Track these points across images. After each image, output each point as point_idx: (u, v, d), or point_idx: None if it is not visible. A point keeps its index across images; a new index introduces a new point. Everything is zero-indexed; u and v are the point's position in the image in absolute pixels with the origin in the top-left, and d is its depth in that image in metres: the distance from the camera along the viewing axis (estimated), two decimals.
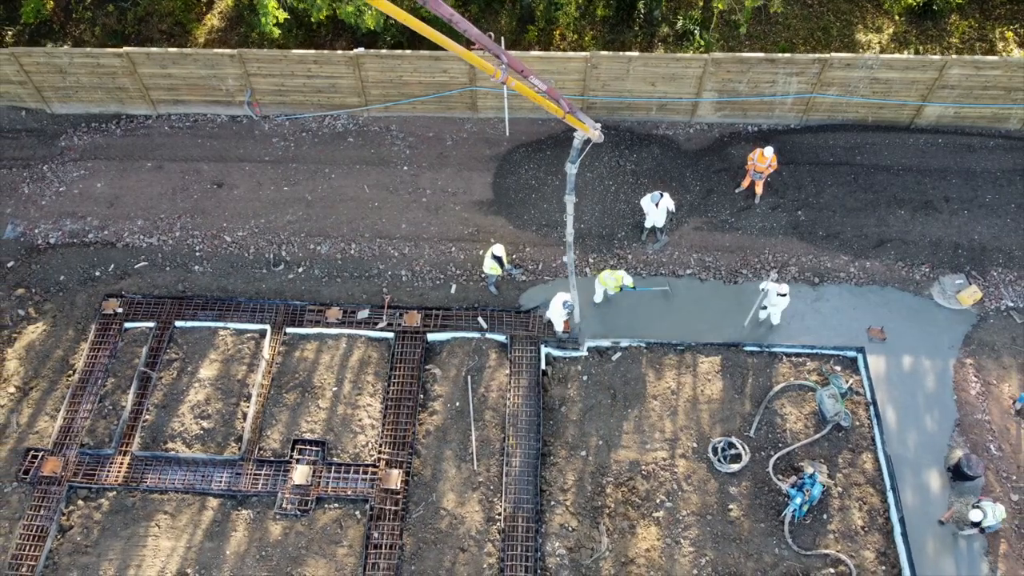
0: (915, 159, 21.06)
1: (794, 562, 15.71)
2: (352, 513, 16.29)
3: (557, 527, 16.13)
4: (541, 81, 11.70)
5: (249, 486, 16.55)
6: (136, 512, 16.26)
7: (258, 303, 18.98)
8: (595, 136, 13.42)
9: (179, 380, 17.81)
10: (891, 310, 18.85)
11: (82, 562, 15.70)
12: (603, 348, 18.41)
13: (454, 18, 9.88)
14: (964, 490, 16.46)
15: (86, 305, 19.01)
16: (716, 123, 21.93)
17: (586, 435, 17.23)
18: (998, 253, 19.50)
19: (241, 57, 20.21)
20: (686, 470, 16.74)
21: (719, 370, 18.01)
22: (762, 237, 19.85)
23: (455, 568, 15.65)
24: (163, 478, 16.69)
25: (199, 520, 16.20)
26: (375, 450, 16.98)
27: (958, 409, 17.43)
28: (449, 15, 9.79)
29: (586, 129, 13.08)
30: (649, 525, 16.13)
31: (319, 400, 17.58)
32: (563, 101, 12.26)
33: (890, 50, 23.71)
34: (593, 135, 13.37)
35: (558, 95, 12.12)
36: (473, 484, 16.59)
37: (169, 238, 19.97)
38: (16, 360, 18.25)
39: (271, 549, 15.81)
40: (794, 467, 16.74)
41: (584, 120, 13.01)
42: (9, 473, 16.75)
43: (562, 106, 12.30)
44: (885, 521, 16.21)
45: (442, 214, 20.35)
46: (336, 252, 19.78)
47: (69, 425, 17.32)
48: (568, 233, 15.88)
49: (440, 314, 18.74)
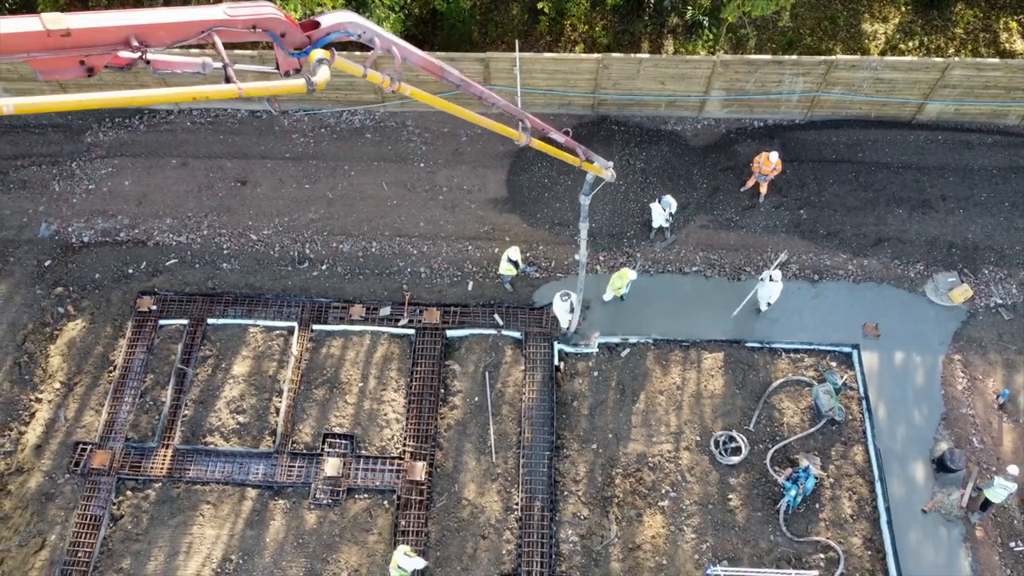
0: (915, 156, 21.78)
1: (787, 548, 17.13)
2: (381, 503, 17.64)
3: (570, 516, 17.50)
4: (559, 134, 12.48)
5: (284, 477, 17.85)
6: (181, 502, 17.60)
7: (284, 300, 19.99)
8: (608, 176, 14.22)
9: (214, 376, 18.95)
10: (886, 307, 19.87)
11: (134, 549, 17.10)
12: (612, 345, 19.50)
13: (484, 94, 10.65)
14: (947, 481, 17.79)
15: (121, 302, 20.02)
16: (723, 118, 22.55)
17: (597, 429, 18.47)
18: (990, 251, 20.42)
19: (261, 59, 20.71)
20: (689, 462, 18.03)
21: (722, 366, 19.14)
22: (765, 235, 20.74)
23: (476, 554, 17.07)
24: (204, 470, 17.98)
25: (239, 509, 17.55)
26: (400, 443, 18.24)
27: (945, 404, 18.63)
28: (480, 92, 10.56)
29: (601, 173, 13.89)
30: (655, 514, 17.50)
31: (346, 395, 18.75)
32: (579, 150, 13.04)
33: (896, 40, 24.14)
34: (606, 175, 14.18)
35: (574, 144, 12.90)
36: (492, 475, 17.90)
37: (197, 236, 20.85)
38: (59, 356, 19.35)
39: (307, 537, 17.20)
40: (790, 459, 18.03)
41: (598, 163, 13.80)
42: (61, 465, 18.03)
43: (579, 155, 13.09)
44: (872, 510, 17.57)
45: (458, 212, 21.18)
46: (358, 250, 20.69)
47: (113, 419, 18.53)
48: (581, 253, 16.79)
49: (458, 311, 19.77)
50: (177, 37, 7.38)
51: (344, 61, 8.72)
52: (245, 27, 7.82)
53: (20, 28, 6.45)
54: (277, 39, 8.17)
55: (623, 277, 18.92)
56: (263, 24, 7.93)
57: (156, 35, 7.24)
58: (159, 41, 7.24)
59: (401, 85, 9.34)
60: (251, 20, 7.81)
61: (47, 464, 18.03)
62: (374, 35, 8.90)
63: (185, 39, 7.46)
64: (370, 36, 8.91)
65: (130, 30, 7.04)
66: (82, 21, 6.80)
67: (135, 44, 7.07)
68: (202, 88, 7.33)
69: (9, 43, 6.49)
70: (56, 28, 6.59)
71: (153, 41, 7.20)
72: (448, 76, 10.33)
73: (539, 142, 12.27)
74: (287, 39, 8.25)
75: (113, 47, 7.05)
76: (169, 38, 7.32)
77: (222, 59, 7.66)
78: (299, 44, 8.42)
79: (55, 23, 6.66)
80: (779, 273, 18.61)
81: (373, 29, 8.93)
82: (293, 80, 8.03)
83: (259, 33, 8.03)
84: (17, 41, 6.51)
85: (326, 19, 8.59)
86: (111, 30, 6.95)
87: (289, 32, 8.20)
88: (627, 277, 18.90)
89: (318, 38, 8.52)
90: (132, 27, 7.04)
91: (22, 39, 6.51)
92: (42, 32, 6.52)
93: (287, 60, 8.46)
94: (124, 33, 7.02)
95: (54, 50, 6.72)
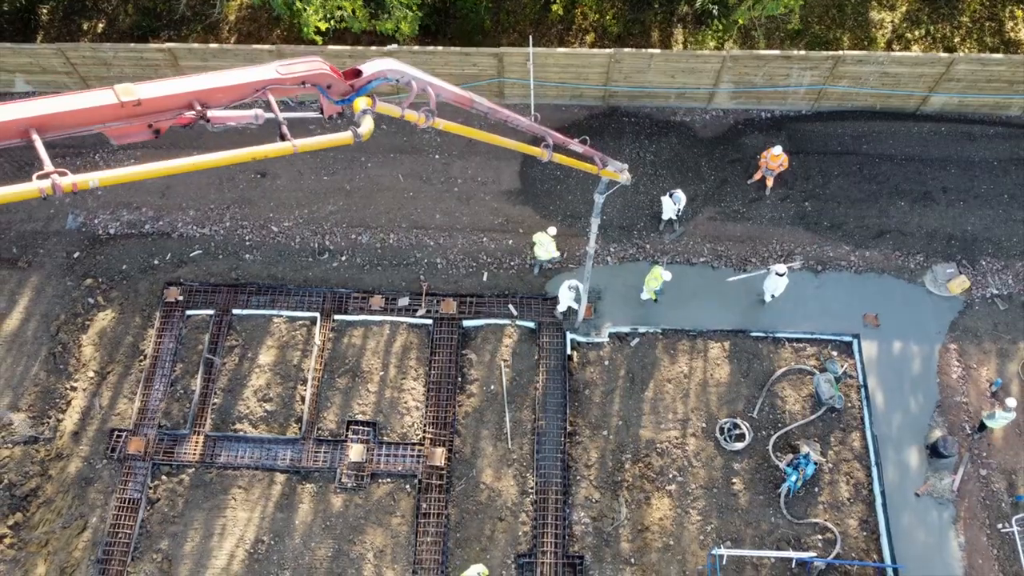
0: (918, 148, 22.32)
1: (787, 530, 18.16)
2: (403, 487, 18.61)
3: (582, 499, 18.49)
4: (578, 144, 13.10)
5: (310, 463, 18.79)
6: (214, 486, 18.57)
7: (306, 291, 20.71)
8: (624, 179, 14.84)
9: (241, 365, 19.77)
10: (886, 297, 20.62)
11: (171, 530, 18.12)
12: (623, 334, 20.31)
13: (510, 118, 11.27)
14: (939, 466, 18.75)
15: (148, 292, 20.74)
16: (731, 109, 23.02)
17: (607, 416, 19.37)
18: (988, 243, 21.10)
19: (279, 53, 21.10)
20: (696, 448, 18.96)
21: (727, 355, 19.97)
22: (771, 227, 21.40)
23: (494, 535, 18.10)
24: (234, 456, 18.91)
25: (269, 493, 18.53)
26: (420, 430, 19.15)
27: (940, 392, 19.50)
28: (506, 116, 11.19)
29: (617, 177, 14.51)
30: (662, 497, 18.49)
31: (368, 384, 19.60)
32: (596, 157, 13.66)
33: (903, 29, 24.45)
34: (622, 179, 14.80)
35: (592, 152, 13.51)
36: (508, 461, 18.84)
37: (220, 228, 21.49)
38: (91, 346, 20.15)
39: (334, 519, 18.21)
40: (791, 445, 18.97)
41: (613, 166, 14.42)
42: (98, 451, 18.96)
43: (596, 163, 13.71)
44: (868, 493, 18.55)
45: (473, 204, 21.79)
46: (376, 242, 21.35)
47: (145, 407, 19.41)
48: (590, 247, 17.48)
49: (474, 301, 20.52)
50: (234, 98, 8.01)
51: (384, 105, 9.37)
52: (295, 84, 8.45)
53: (97, 102, 7.06)
54: (324, 91, 8.80)
55: (657, 278, 19.53)
56: (312, 80, 8.54)
57: (216, 98, 7.88)
58: (218, 103, 7.88)
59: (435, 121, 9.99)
60: (301, 77, 8.42)
61: (85, 450, 18.96)
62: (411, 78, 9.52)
63: (242, 99, 8.08)
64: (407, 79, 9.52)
65: (193, 95, 7.67)
66: (151, 91, 7.42)
67: (198, 108, 7.72)
68: (260, 148, 7.99)
69: (87, 116, 7.12)
70: (128, 99, 7.21)
71: (213, 103, 7.84)
72: (478, 106, 10.96)
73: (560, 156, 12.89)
74: (332, 89, 8.88)
75: (178, 111, 7.70)
76: (227, 99, 7.96)
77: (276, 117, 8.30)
78: (343, 93, 9.05)
79: (127, 95, 7.28)
80: (784, 268, 19.31)
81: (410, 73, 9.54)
82: (342, 134, 8.67)
83: (308, 88, 8.67)
84: (94, 114, 7.14)
85: (368, 67, 9.19)
86: (177, 97, 7.58)
87: (335, 83, 8.82)
88: (661, 278, 19.51)
89: (360, 86, 9.14)
90: (195, 92, 7.66)
91: (99, 112, 7.15)
92: (116, 104, 7.14)
93: (331, 106, 9.09)
94: (188, 99, 7.65)
95: (127, 118, 7.37)
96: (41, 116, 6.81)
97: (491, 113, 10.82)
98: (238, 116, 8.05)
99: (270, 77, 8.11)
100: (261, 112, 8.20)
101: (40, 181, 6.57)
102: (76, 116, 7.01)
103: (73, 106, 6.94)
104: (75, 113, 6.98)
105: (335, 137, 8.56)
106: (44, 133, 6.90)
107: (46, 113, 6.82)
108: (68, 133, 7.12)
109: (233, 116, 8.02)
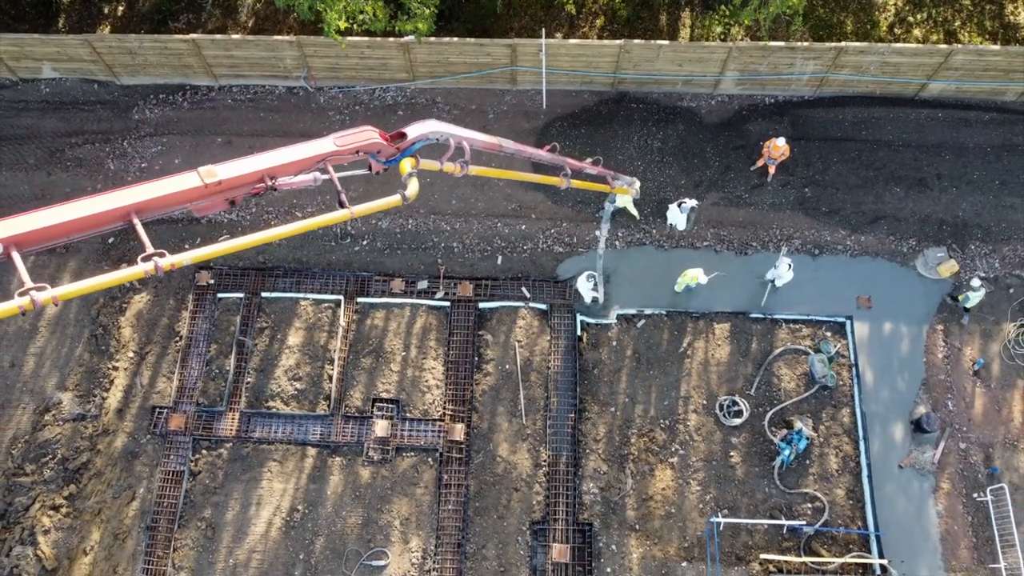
0: (915, 134, 23.19)
1: (780, 499, 19.73)
2: (425, 460, 20.12)
3: (591, 471, 20.03)
4: (591, 167, 14.13)
5: (339, 437, 20.25)
6: (251, 460, 20.07)
7: (330, 274, 21.87)
8: (634, 193, 15.90)
9: (271, 346, 21.08)
10: (879, 280, 21.78)
11: (213, 500, 19.69)
12: (630, 316, 21.56)
13: (534, 155, 12.31)
14: (922, 441, 20.24)
15: (181, 276, 21.90)
16: (736, 95, 23.78)
17: (615, 393, 20.76)
18: (978, 228, 22.17)
19: (300, 43, 21.81)
20: (696, 423, 20.41)
21: (728, 335, 21.26)
22: (772, 212, 22.43)
23: (510, 504, 19.68)
24: (268, 431, 20.37)
25: (302, 466, 20.05)
26: (441, 407, 20.56)
27: (926, 370, 20.85)
28: (531, 154, 12.23)
29: (627, 192, 15.57)
30: (665, 469, 20.01)
31: (391, 364, 20.94)
32: (609, 178, 14.69)
33: (905, 12, 25.02)
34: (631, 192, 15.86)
35: (605, 172, 14.54)
36: (522, 435, 20.31)
37: (247, 213, 22.53)
38: (129, 328, 21.42)
39: (363, 490, 19.76)
40: (785, 421, 20.41)
41: (623, 181, 15.46)
42: (142, 427, 20.41)
43: (609, 182, 14.74)
44: (856, 465, 20.07)
45: (487, 190, 22.77)
46: (395, 227, 22.42)
47: (183, 385, 20.78)
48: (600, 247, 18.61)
49: (489, 284, 21.71)
50: (299, 169, 9.17)
51: (426, 162, 10.51)
52: (350, 153, 9.57)
53: (183, 186, 8.21)
54: (374, 156, 9.93)
55: (693, 279, 20.64)
56: (365, 148, 9.68)
57: (284, 171, 9.03)
58: (285, 174, 9.04)
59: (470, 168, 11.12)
60: (356, 147, 9.54)
61: (129, 426, 20.41)
62: (449, 136, 10.63)
63: (305, 170, 9.23)
64: (446, 137, 10.64)
65: (265, 171, 8.82)
66: (229, 171, 8.55)
67: (268, 181, 8.86)
68: (322, 218, 9.19)
69: (176, 199, 8.28)
70: (211, 181, 8.35)
71: (281, 175, 8.99)
72: (506, 149, 12.03)
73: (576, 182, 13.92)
74: (381, 154, 10.02)
75: (252, 185, 8.84)
76: (293, 171, 9.12)
77: (335, 185, 9.45)
78: (390, 155, 10.18)
79: (210, 176, 8.41)
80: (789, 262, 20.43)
81: (449, 131, 10.65)
82: (391, 198, 9.84)
83: (360, 155, 9.79)
84: (183, 196, 8.30)
85: (412, 130, 10.32)
86: (252, 175, 8.73)
87: (383, 149, 9.96)
88: (697, 279, 20.61)
89: (405, 147, 10.27)
90: (267, 169, 8.82)
91: (186, 194, 8.30)
92: (201, 186, 8.28)
93: (377, 165, 10.24)
94: (261, 175, 8.80)
95: (209, 196, 8.50)
96: (140, 202, 7.95)
97: (518, 152, 11.85)
98: (300, 182, 9.18)
99: (329, 150, 9.23)
100: (319, 175, 9.33)
101: (144, 264, 7.75)
102: (168, 199, 8.15)
103: (166, 191, 8.07)
104: (167, 197, 8.12)
105: (385, 201, 9.72)
106: (142, 215, 8.04)
107: (144, 199, 7.95)
108: (162, 214, 8.26)
109: (296, 183, 9.16)
